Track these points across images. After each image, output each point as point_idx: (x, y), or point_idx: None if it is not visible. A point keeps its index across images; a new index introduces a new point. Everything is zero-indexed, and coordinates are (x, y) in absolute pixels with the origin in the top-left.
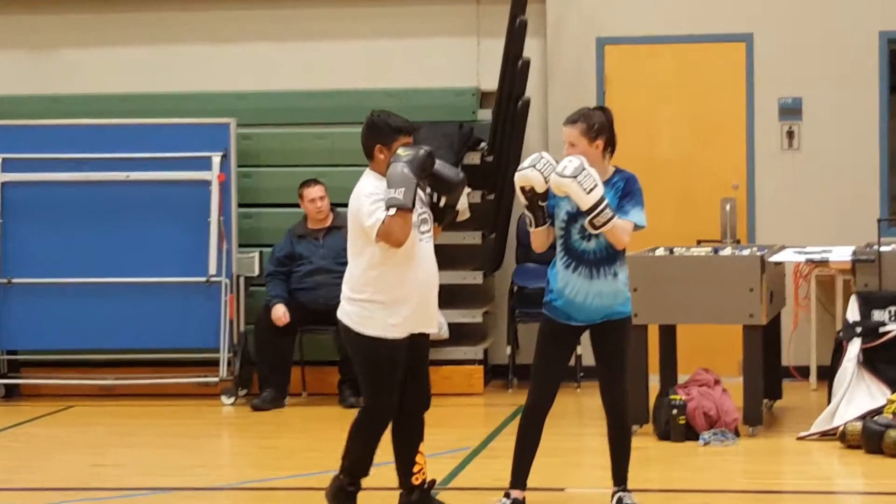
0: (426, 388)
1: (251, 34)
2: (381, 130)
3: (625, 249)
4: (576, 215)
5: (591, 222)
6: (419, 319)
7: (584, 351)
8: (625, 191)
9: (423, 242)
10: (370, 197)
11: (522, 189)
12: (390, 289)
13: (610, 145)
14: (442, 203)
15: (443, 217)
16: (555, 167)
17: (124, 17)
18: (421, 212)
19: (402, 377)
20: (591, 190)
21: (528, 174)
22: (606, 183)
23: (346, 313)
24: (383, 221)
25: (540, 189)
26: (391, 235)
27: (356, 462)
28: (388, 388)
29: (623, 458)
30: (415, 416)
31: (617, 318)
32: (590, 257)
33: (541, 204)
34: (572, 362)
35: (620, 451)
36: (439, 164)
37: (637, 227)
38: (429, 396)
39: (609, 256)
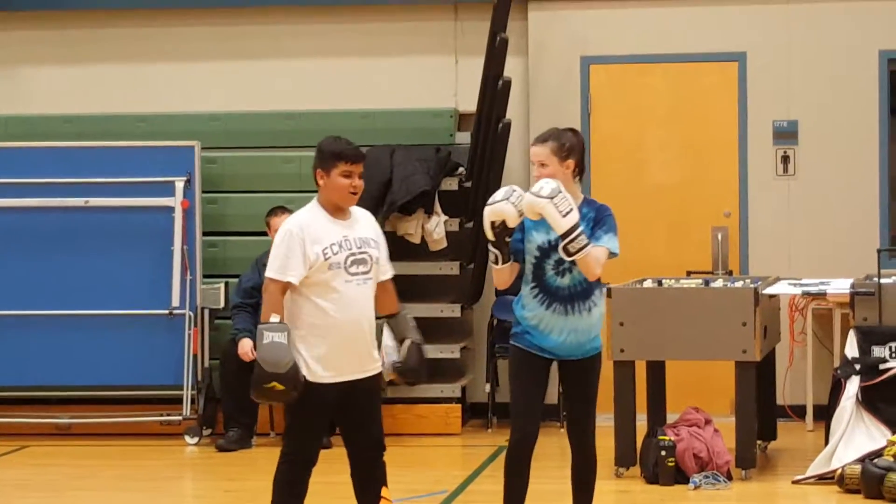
0: (376, 433)
1: (216, 52)
2: (322, 155)
3: (599, 281)
4: (548, 250)
5: (564, 248)
6: (345, 364)
7: None
8: (596, 219)
9: (352, 284)
10: (286, 243)
11: (492, 224)
12: (311, 330)
13: (580, 168)
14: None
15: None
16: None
17: (79, 34)
18: (358, 252)
19: (345, 423)
20: (567, 214)
21: (501, 207)
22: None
23: None
24: (275, 282)
25: (512, 224)
26: (266, 295)
27: None
28: (306, 433)
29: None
30: (370, 462)
31: (587, 356)
32: (564, 293)
33: (507, 240)
34: (555, 400)
35: (585, 496)
36: (411, 362)
37: (611, 255)
38: (381, 440)
39: (584, 291)
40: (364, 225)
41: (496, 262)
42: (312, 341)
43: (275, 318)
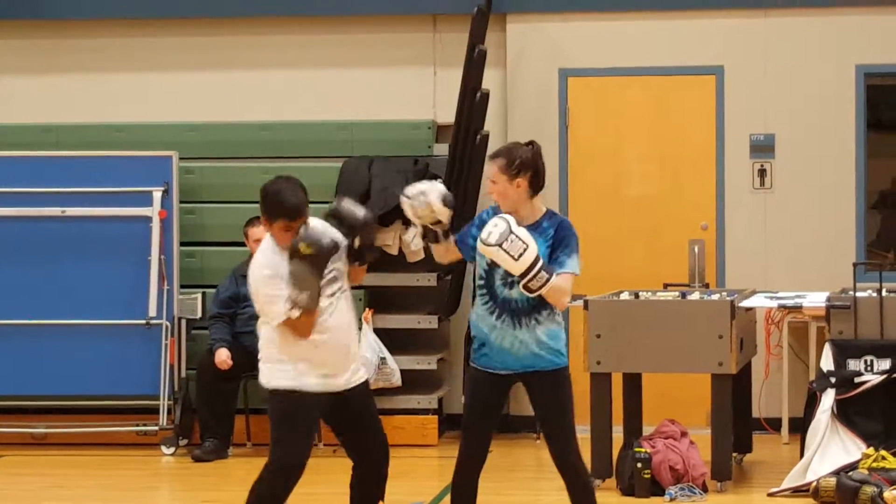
0: (379, 439)
1: (195, 62)
2: (265, 204)
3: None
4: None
5: (525, 287)
6: (333, 377)
7: None
8: (557, 238)
9: (332, 303)
10: (266, 282)
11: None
12: (297, 348)
13: (535, 183)
14: (356, 245)
15: (363, 258)
16: (523, 240)
17: (57, 44)
18: (325, 275)
19: (345, 434)
20: (521, 255)
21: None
22: (535, 226)
23: (262, 374)
24: (286, 315)
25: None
26: (295, 331)
27: None
28: (293, 444)
29: None
30: (374, 469)
31: (546, 370)
32: (513, 305)
33: (436, 231)
34: (531, 412)
35: None
36: (344, 206)
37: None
38: (385, 447)
39: (535, 305)
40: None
41: (427, 240)
42: (300, 358)
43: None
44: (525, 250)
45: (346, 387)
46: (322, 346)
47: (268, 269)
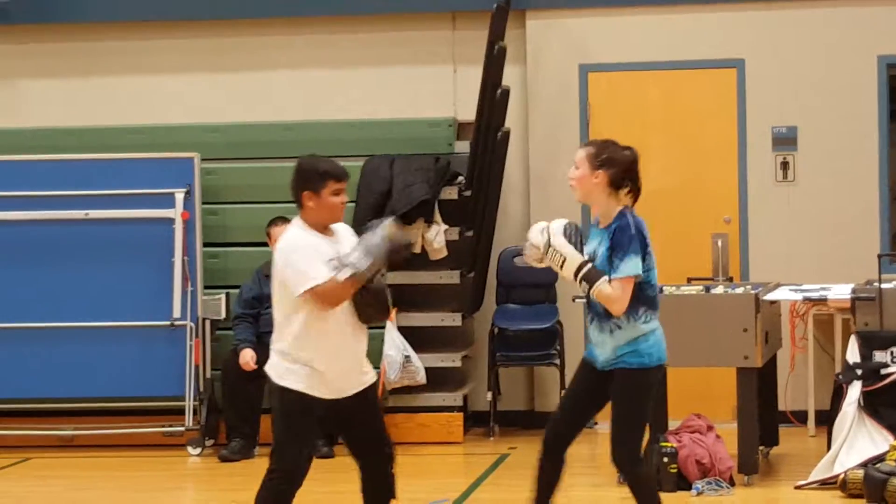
0: (383, 440)
1: (215, 64)
2: (308, 176)
3: (650, 298)
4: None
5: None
6: (343, 378)
7: None
8: (614, 241)
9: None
10: (302, 252)
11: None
12: (315, 344)
13: (618, 185)
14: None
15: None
16: (560, 251)
17: (78, 47)
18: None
19: (352, 437)
20: (562, 265)
21: (531, 263)
22: (608, 227)
23: (272, 364)
24: (325, 281)
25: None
26: (329, 297)
27: None
28: (298, 449)
29: None
30: (379, 471)
31: (621, 368)
32: (598, 308)
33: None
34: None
35: None
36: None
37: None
38: (390, 447)
39: (607, 310)
40: (346, 239)
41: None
42: (309, 357)
43: (344, 273)
44: (563, 261)
45: (357, 388)
46: (335, 344)
47: (301, 241)
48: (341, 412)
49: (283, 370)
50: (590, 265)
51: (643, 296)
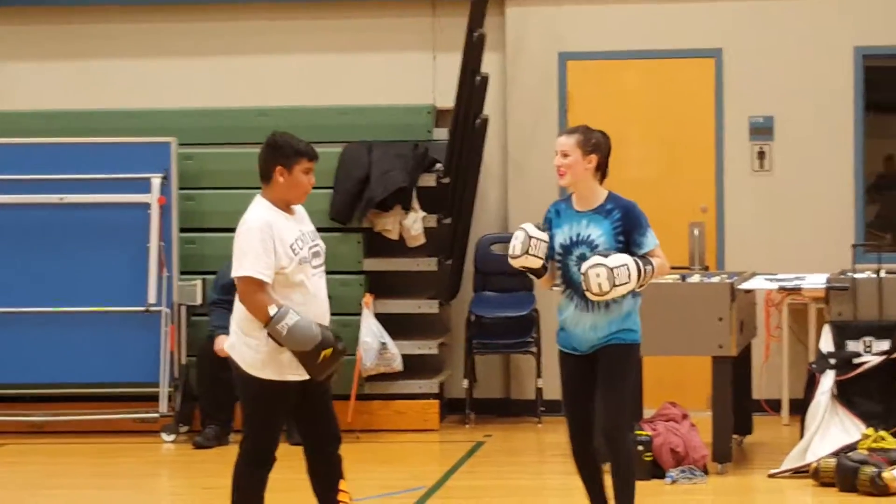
0: (332, 424)
1: (193, 48)
2: (284, 151)
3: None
4: (570, 246)
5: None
6: None
7: (546, 384)
8: (628, 223)
9: (315, 278)
10: (257, 234)
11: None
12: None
13: (601, 168)
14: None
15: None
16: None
17: (53, 30)
18: (313, 244)
19: (303, 418)
20: (624, 284)
21: (525, 262)
22: (599, 209)
23: (236, 350)
24: (261, 280)
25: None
26: (246, 300)
27: None
28: (267, 429)
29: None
30: (326, 454)
31: (614, 344)
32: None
33: (537, 268)
34: (533, 396)
35: (621, 495)
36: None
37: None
38: (336, 431)
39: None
40: (306, 219)
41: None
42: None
43: (273, 310)
44: (625, 283)
45: None
46: (301, 309)
47: (262, 222)
48: (300, 395)
49: (250, 357)
50: (636, 259)
51: None
